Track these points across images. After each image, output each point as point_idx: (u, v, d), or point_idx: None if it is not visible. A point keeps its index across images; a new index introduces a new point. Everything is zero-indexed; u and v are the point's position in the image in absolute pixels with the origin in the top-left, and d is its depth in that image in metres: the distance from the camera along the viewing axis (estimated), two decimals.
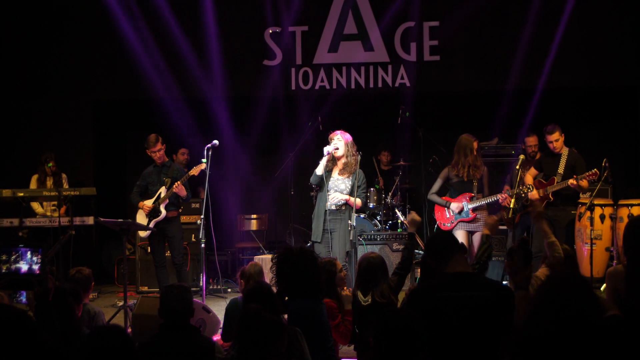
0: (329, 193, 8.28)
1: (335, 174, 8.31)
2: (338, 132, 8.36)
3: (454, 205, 8.87)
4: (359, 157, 8.33)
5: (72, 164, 11.21)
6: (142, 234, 9.28)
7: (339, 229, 8.15)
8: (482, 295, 4.12)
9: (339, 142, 8.25)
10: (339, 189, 8.24)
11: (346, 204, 8.23)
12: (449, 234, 4.86)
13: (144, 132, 11.22)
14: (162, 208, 9.04)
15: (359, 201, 8.26)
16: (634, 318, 3.74)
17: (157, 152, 9.12)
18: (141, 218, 9.19)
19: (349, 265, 8.05)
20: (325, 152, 8.27)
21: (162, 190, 9.06)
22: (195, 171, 8.80)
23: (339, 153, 8.26)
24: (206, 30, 11.31)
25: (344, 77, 11.30)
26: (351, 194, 8.20)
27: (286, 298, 5.09)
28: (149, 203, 9.11)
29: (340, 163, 8.30)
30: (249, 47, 11.47)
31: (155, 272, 9.36)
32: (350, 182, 8.23)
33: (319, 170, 8.27)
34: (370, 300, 5.58)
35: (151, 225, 9.07)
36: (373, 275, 5.67)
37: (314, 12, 11.35)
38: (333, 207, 8.20)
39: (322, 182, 8.29)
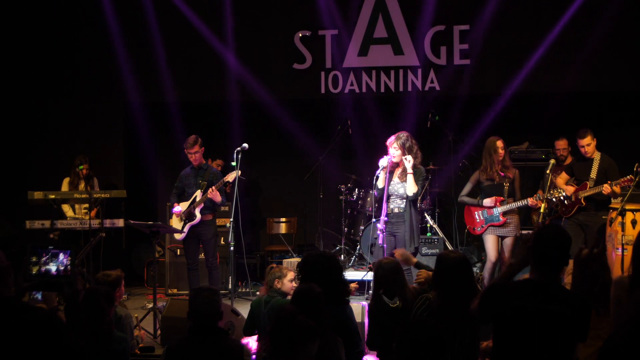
0: (390, 197, 8.23)
1: (395, 177, 8.26)
2: (393, 138, 8.21)
3: (487, 201, 8.80)
4: (419, 158, 8.24)
5: (103, 166, 11.29)
6: (178, 236, 9.31)
7: (401, 232, 8.12)
8: (557, 311, 3.93)
9: (395, 151, 8.17)
10: (398, 193, 8.19)
11: (406, 207, 8.15)
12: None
13: (174, 135, 11.34)
14: (197, 212, 9.07)
15: (414, 185, 8.09)
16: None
17: (194, 153, 9.15)
18: (176, 220, 9.24)
19: None
20: (380, 166, 8.17)
21: (198, 194, 9.09)
22: (230, 177, 8.83)
23: (396, 159, 8.19)
24: (235, 34, 11.36)
25: (374, 80, 11.28)
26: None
27: None
28: (183, 207, 9.15)
29: (401, 166, 8.24)
30: (279, 50, 11.49)
31: (187, 275, 9.39)
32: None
33: (380, 183, 8.22)
34: (398, 302, 5.60)
35: (186, 228, 9.11)
36: (391, 279, 5.67)
37: (344, 15, 11.34)
38: (395, 211, 8.15)
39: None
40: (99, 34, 11.59)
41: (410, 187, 8.09)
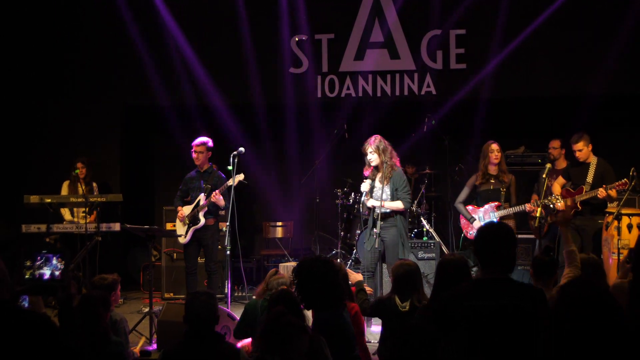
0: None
1: (377, 182, 8.31)
2: (370, 142, 8.32)
3: (477, 224, 8.86)
4: (395, 157, 8.33)
5: (100, 170, 11.25)
6: (182, 240, 9.28)
7: (390, 238, 8.16)
8: (513, 304, 3.90)
9: (372, 155, 8.24)
10: (377, 197, 8.25)
11: (395, 211, 8.25)
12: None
13: (170, 138, 11.34)
14: (200, 216, 9.06)
15: (398, 204, 8.20)
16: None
17: (198, 153, 9.13)
18: (179, 224, 9.23)
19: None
20: (362, 192, 8.39)
21: (202, 198, 9.07)
22: (233, 181, 8.80)
23: (374, 163, 8.27)
24: (233, 38, 11.35)
25: (370, 84, 11.28)
26: (392, 199, 8.20)
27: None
28: (187, 210, 9.14)
29: (381, 170, 8.29)
30: (276, 55, 11.49)
31: (186, 279, 9.37)
32: (389, 189, 8.22)
33: (365, 203, 8.45)
34: (408, 306, 5.64)
35: (189, 232, 9.10)
36: (410, 281, 5.71)
37: (341, 20, 11.36)
38: (379, 212, 8.18)
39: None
40: (97, 35, 11.60)
41: (397, 206, 8.21)
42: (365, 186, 8.32)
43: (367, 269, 8.29)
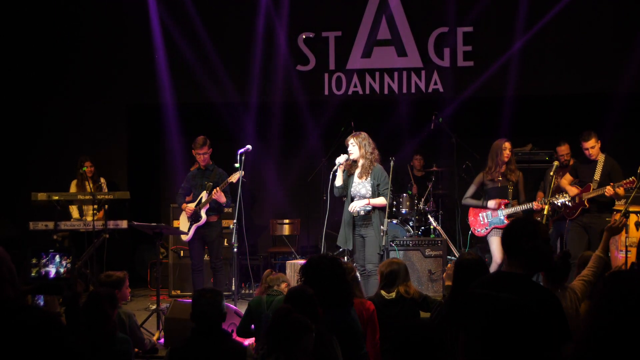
0: (354, 199, 8.28)
1: (355, 177, 8.28)
2: (354, 134, 8.32)
3: (492, 203, 8.79)
4: (377, 156, 8.25)
5: (107, 168, 11.29)
6: (184, 237, 9.32)
7: (370, 234, 8.13)
8: (519, 300, 3.68)
9: (353, 148, 8.20)
10: (360, 194, 8.20)
11: (374, 207, 8.17)
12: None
13: (177, 136, 11.35)
14: (202, 213, 9.07)
15: (382, 200, 8.14)
16: None
17: (203, 154, 9.16)
18: (184, 220, 9.25)
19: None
20: (336, 163, 8.26)
21: (204, 195, 9.09)
22: (233, 178, 8.83)
23: (354, 156, 8.22)
24: (238, 36, 11.36)
25: (377, 82, 11.28)
26: (373, 195, 8.17)
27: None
28: (191, 206, 9.16)
29: (359, 165, 8.25)
30: (283, 52, 11.49)
31: (192, 276, 9.40)
32: (369, 184, 8.19)
33: (337, 181, 8.31)
34: (394, 295, 5.86)
35: (192, 229, 9.12)
36: (396, 276, 5.99)
37: (348, 17, 11.35)
38: (362, 213, 8.16)
39: (346, 189, 8.31)
40: (100, 35, 11.63)
41: (381, 202, 8.15)
42: (340, 159, 8.22)
43: (361, 266, 8.30)
